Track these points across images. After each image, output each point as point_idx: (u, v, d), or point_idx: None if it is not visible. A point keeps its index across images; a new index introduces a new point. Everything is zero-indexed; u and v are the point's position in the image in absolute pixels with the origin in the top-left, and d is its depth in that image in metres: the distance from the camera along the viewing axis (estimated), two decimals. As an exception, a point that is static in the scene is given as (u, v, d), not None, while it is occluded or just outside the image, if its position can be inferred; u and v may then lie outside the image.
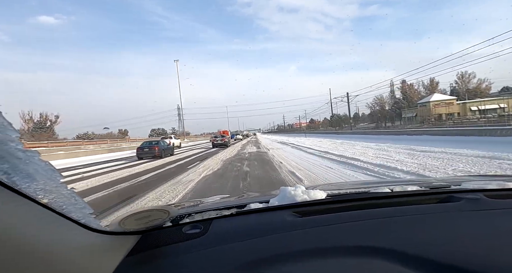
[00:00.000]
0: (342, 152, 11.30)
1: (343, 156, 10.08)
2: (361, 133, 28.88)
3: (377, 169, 6.82)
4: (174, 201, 4.98)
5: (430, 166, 6.65)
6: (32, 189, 0.45)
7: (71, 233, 0.52)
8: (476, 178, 1.64)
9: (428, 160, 7.59)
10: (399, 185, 1.02)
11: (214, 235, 0.73)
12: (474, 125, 23.98)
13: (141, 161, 14.67)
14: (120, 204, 5.08)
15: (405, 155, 9.19)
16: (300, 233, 0.70)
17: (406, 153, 9.75)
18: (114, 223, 0.68)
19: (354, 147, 14.00)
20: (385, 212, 0.82)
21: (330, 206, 0.89)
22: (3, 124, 0.43)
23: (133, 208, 4.77)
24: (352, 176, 6.34)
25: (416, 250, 0.59)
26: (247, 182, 6.71)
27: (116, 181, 8.05)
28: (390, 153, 10.00)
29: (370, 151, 10.95)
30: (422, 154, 9.04)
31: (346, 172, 6.92)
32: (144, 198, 5.46)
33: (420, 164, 6.98)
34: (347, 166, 7.89)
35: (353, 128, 53.66)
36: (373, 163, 7.70)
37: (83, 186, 7.49)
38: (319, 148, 14.55)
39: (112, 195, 6.09)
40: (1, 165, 0.41)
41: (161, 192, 5.94)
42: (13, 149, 0.43)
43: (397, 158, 8.56)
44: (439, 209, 0.84)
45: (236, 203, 0.99)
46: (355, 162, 8.28)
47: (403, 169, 6.45)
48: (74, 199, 0.54)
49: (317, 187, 1.08)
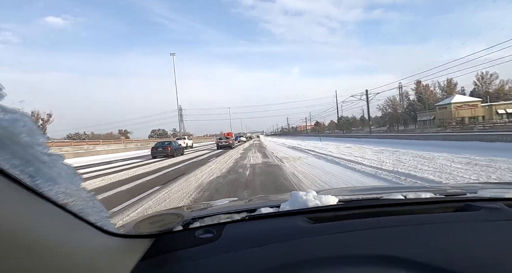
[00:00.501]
0: (432, 172, 6.22)
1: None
2: (382, 137, 24.77)
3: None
4: (185, 203, 5.02)
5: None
6: (53, 192, 0.46)
7: (87, 236, 0.53)
8: (493, 185, 1.60)
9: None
10: (412, 192, 0.99)
11: (227, 240, 0.72)
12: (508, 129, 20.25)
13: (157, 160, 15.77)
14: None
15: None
16: (314, 240, 0.69)
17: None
18: (129, 226, 0.73)
19: (422, 158, 8.67)
20: (401, 220, 0.79)
21: (343, 213, 0.86)
22: (32, 128, 0.44)
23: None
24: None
25: (436, 261, 0.58)
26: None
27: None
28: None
29: (476, 168, 6.29)
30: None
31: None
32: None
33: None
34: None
35: (361, 132, 49.93)
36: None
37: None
38: (368, 161, 8.57)
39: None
40: (27, 168, 0.42)
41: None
42: (38, 153, 0.45)
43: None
44: (456, 218, 0.81)
45: (246, 207, 0.99)
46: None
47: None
48: (92, 202, 0.55)
49: (328, 192, 1.08)
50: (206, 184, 6.73)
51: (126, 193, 6.17)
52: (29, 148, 0.43)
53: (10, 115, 0.41)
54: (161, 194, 5.81)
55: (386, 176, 6.25)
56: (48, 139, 35.87)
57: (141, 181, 7.86)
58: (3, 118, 0.40)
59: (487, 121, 35.64)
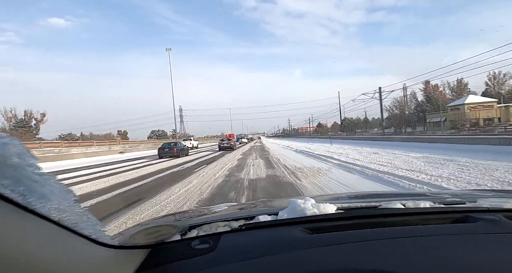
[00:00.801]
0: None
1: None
2: (398, 140, 22.53)
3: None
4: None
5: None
6: (46, 208, 0.48)
7: (83, 248, 0.54)
8: (493, 193, 1.59)
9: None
10: (411, 200, 1.00)
11: (223, 251, 0.71)
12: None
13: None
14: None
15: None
16: (312, 252, 0.68)
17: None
18: (125, 237, 0.73)
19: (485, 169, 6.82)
20: (400, 231, 0.78)
21: (341, 223, 0.86)
22: (22, 151, 0.47)
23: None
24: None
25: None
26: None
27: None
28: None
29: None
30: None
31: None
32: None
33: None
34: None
35: (365, 133, 47.72)
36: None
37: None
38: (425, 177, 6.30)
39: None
40: (18, 188, 0.44)
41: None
42: (30, 173, 0.47)
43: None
44: (455, 230, 0.80)
45: (244, 214, 1.01)
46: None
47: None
48: (86, 216, 0.57)
49: (326, 199, 1.08)
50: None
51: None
52: (20, 169, 0.46)
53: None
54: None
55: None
56: (39, 140, 33.03)
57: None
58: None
59: (503, 123, 33.69)
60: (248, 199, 5.68)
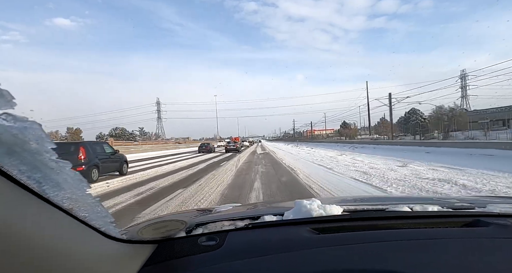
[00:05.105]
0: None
1: None
2: (458, 146, 14.80)
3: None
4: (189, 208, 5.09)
5: None
6: (60, 197, 0.47)
7: (92, 240, 0.53)
8: (502, 199, 1.57)
9: None
10: (419, 204, 0.98)
11: (230, 248, 0.71)
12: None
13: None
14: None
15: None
16: (318, 252, 0.67)
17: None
18: (132, 231, 0.73)
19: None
20: (407, 234, 0.77)
21: (347, 224, 0.85)
22: (41, 136, 0.45)
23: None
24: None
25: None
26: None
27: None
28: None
29: None
30: None
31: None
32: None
33: None
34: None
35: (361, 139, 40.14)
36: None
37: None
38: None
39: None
40: (34, 174, 0.44)
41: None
42: (47, 159, 0.46)
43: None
44: (465, 233, 0.78)
45: (250, 214, 1.00)
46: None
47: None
48: (97, 208, 0.56)
49: (332, 201, 1.04)
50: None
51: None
52: (38, 155, 0.45)
53: (20, 123, 0.43)
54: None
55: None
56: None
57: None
58: (13, 126, 0.42)
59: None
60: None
